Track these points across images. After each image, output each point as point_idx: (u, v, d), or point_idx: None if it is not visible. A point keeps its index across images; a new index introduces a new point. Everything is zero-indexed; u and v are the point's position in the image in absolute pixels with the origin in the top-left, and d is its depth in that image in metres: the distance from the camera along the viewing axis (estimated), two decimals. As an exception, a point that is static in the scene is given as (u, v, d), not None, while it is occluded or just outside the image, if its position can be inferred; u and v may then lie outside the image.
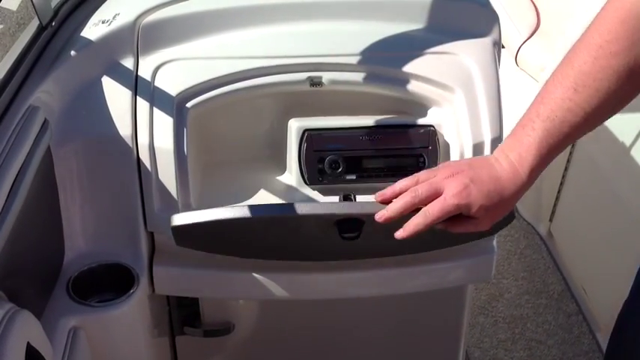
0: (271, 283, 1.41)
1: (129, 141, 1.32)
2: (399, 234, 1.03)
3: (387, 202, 1.06)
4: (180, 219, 1.19)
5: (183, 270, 1.41)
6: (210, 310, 1.53)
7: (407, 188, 1.04)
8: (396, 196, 1.05)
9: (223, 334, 1.54)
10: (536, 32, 2.67)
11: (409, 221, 1.02)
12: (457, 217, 1.03)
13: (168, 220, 1.21)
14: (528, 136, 1.01)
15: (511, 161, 1.02)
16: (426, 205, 1.02)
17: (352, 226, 1.15)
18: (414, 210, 1.03)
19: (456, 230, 1.05)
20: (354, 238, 1.16)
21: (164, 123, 1.33)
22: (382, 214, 1.04)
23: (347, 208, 1.17)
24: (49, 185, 1.30)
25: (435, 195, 1.01)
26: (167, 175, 1.33)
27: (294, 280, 1.43)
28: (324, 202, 1.39)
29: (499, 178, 1.02)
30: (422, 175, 1.05)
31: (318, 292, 1.48)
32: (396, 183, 1.06)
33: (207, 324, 1.54)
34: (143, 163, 1.33)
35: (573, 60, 0.99)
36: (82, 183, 1.34)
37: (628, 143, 2.04)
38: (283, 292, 1.43)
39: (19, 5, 1.82)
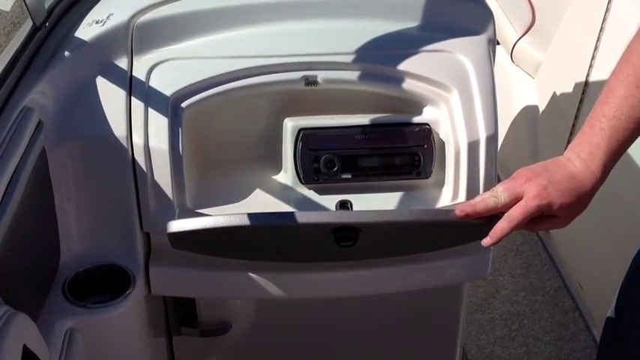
0: (268, 283, 1.41)
1: (124, 141, 1.32)
2: (487, 241, 1.07)
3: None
4: (176, 226, 1.18)
5: (180, 270, 1.41)
6: (207, 310, 1.53)
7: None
8: None
9: (220, 333, 1.54)
10: (532, 28, 2.66)
11: (494, 227, 1.06)
12: (538, 217, 1.06)
13: (165, 222, 1.20)
14: (596, 135, 1.05)
15: (583, 159, 1.06)
16: (506, 210, 1.06)
17: (349, 234, 1.15)
18: (490, 216, 1.07)
19: (538, 229, 1.10)
20: (351, 246, 1.16)
21: (159, 123, 1.33)
22: (464, 210, 1.08)
23: (343, 217, 1.17)
24: (44, 187, 1.30)
25: (515, 200, 1.06)
26: (162, 175, 1.33)
27: (290, 279, 1.43)
28: (320, 211, 1.39)
29: (574, 176, 1.06)
30: (499, 185, 1.09)
31: (315, 291, 1.48)
32: (475, 198, 1.11)
33: (204, 324, 1.54)
34: (138, 164, 1.32)
35: (632, 59, 1.04)
36: (77, 184, 1.34)
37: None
38: (280, 291, 1.43)
39: (14, 4, 1.81)
